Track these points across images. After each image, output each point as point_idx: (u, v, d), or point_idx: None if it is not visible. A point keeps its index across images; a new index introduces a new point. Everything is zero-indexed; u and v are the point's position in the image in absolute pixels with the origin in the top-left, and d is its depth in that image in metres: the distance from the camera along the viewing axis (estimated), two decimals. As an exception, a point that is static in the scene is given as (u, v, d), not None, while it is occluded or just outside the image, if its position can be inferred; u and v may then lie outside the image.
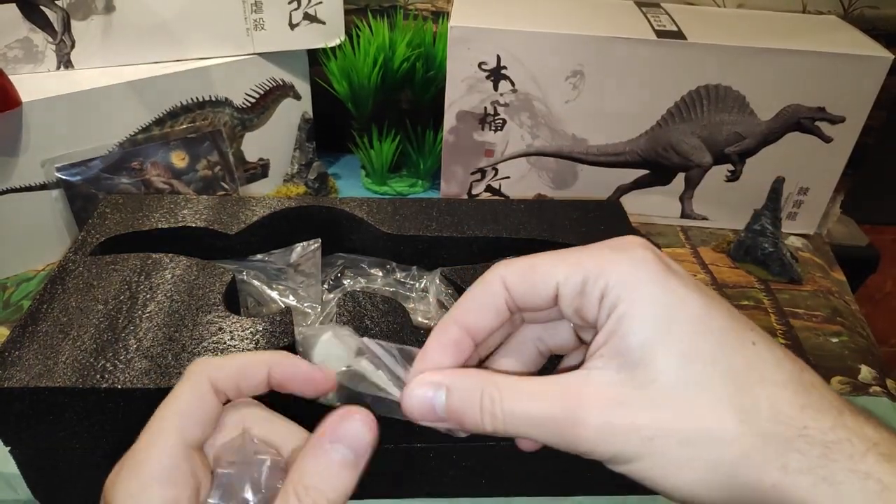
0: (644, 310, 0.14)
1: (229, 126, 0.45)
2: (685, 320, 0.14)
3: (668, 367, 0.13)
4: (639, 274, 0.14)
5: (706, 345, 0.13)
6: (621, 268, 0.14)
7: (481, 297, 0.16)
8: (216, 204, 0.34)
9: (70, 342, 0.25)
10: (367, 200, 0.35)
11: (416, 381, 0.16)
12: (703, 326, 0.14)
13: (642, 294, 0.14)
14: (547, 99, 0.43)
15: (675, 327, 0.13)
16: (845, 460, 0.12)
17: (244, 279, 0.31)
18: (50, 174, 0.39)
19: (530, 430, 0.14)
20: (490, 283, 0.16)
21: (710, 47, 0.41)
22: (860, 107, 0.42)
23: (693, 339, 0.13)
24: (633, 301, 0.14)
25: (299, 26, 0.45)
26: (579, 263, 0.15)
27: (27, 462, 0.26)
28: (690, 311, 0.14)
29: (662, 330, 0.13)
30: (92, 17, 0.40)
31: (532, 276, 0.15)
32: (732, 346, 0.13)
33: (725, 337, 0.14)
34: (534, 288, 0.15)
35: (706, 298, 0.14)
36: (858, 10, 0.49)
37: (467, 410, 0.15)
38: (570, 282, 0.15)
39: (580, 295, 0.15)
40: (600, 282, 0.14)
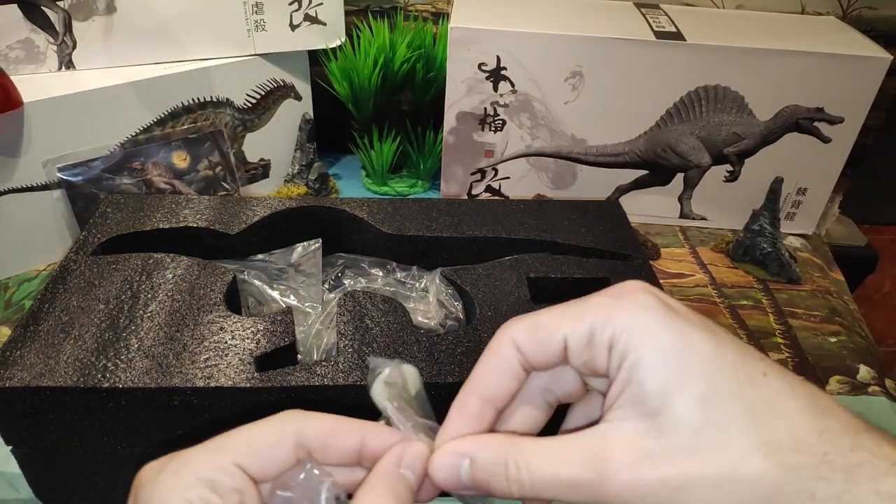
0: (656, 356, 0.14)
1: (230, 126, 0.45)
2: (698, 361, 0.14)
3: (688, 412, 0.13)
4: (644, 319, 0.14)
5: (722, 383, 0.13)
6: (626, 315, 0.14)
7: (496, 363, 0.16)
8: (217, 204, 0.34)
9: (71, 342, 0.25)
10: (367, 201, 0.35)
11: (442, 450, 0.16)
12: (716, 365, 0.14)
13: (651, 340, 0.14)
14: (546, 100, 0.44)
15: (688, 370, 0.13)
16: (868, 482, 0.12)
17: (245, 279, 0.31)
18: (51, 174, 0.39)
19: (559, 494, 0.14)
20: (501, 346, 0.16)
21: (708, 48, 0.41)
22: (859, 107, 0.42)
23: (708, 379, 0.13)
24: (642, 348, 0.14)
25: (300, 27, 0.45)
26: (583, 315, 0.15)
27: (29, 461, 0.26)
28: (701, 351, 0.14)
29: (677, 374, 0.13)
30: (93, 18, 0.40)
31: (539, 333, 0.15)
32: (746, 380, 0.13)
33: (738, 372, 0.14)
34: (543, 345, 0.15)
35: (713, 335, 0.14)
36: (857, 11, 0.49)
37: (493, 479, 0.15)
38: (577, 334, 0.15)
39: (588, 346, 0.15)
40: (607, 331, 0.14)
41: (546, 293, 0.30)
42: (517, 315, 0.16)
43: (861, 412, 0.14)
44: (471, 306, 0.29)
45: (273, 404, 0.24)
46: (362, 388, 0.24)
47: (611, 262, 0.32)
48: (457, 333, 0.27)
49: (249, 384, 0.24)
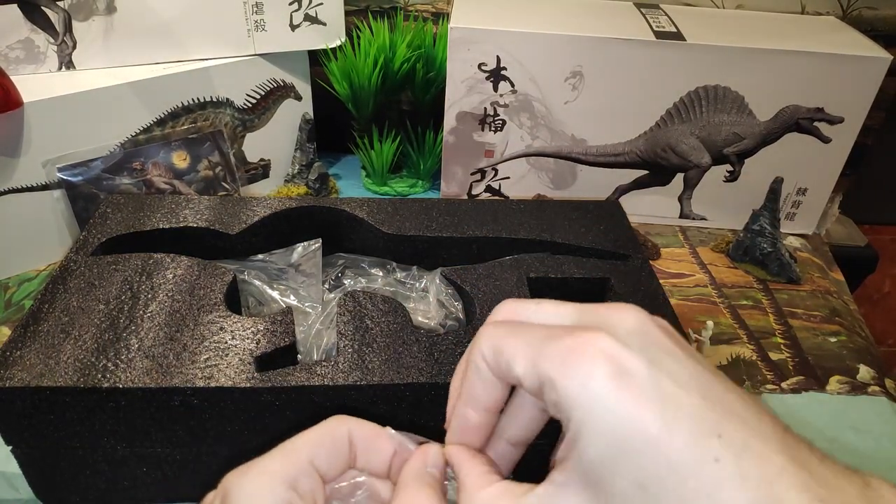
0: (594, 435, 0.13)
1: (230, 126, 0.45)
2: (637, 445, 0.13)
3: (626, 492, 0.13)
4: (588, 390, 0.13)
5: (661, 470, 0.12)
6: (571, 382, 0.14)
7: (474, 372, 0.16)
8: (217, 204, 0.34)
9: (71, 342, 0.25)
10: (367, 201, 0.35)
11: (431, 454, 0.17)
12: (658, 453, 0.12)
13: (591, 414, 0.13)
14: (546, 100, 0.44)
15: (625, 455, 0.13)
16: None
17: (245, 279, 0.31)
18: (51, 174, 0.39)
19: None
20: (475, 356, 0.16)
21: (708, 48, 0.41)
22: (859, 107, 0.42)
23: (646, 466, 0.13)
24: (583, 422, 0.13)
25: (300, 27, 0.45)
26: (536, 364, 0.14)
27: (29, 461, 0.26)
28: (645, 435, 0.13)
29: (614, 456, 0.13)
30: (93, 18, 0.40)
31: (500, 358, 0.15)
32: (690, 468, 0.12)
33: (683, 458, 0.12)
34: (500, 369, 0.15)
35: (667, 408, 0.13)
36: (857, 11, 0.49)
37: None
38: (528, 380, 0.15)
39: (539, 394, 0.15)
40: (553, 392, 0.14)
41: (546, 293, 0.30)
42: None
43: (861, 412, 0.13)
44: (471, 306, 0.29)
45: (273, 404, 0.24)
46: (362, 388, 0.24)
47: (611, 262, 0.32)
48: (457, 333, 0.27)
49: (249, 384, 0.24)
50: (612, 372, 0.13)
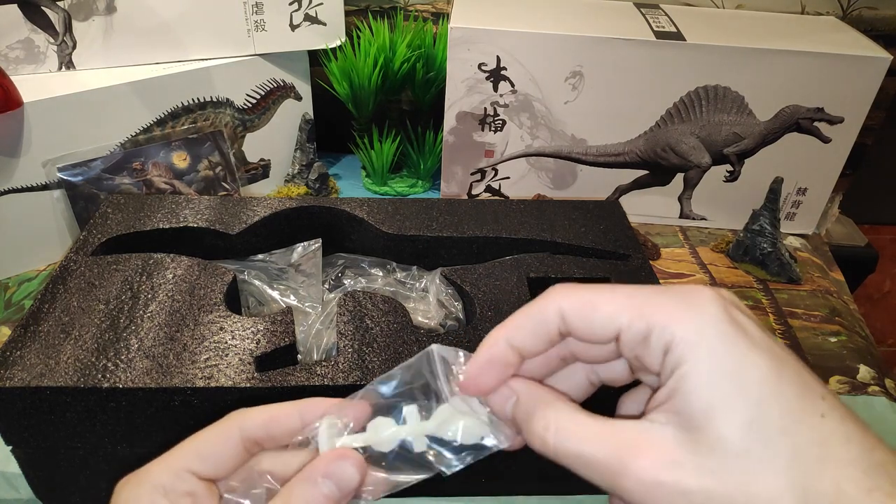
0: (709, 373, 0.13)
1: (230, 127, 0.45)
2: (752, 387, 0.13)
3: (731, 436, 0.13)
4: (706, 333, 0.14)
5: (773, 415, 0.13)
6: (688, 325, 0.14)
7: (534, 321, 0.16)
8: (217, 204, 0.34)
9: (72, 342, 0.25)
10: (367, 201, 0.35)
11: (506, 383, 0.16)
12: (771, 395, 0.13)
13: (708, 355, 0.13)
14: (546, 100, 0.44)
15: (740, 394, 0.13)
16: None
17: (245, 279, 0.31)
18: (51, 174, 0.39)
19: (577, 466, 0.14)
20: (545, 310, 0.16)
21: (708, 48, 0.41)
22: (859, 107, 0.42)
23: (759, 406, 0.13)
24: (697, 362, 0.13)
25: (300, 27, 0.45)
26: (644, 313, 0.14)
27: (29, 461, 0.26)
28: (758, 376, 0.13)
29: (727, 396, 0.13)
30: (93, 18, 0.40)
31: (592, 314, 0.15)
32: (800, 417, 0.13)
33: (793, 408, 0.13)
34: (592, 326, 0.15)
35: (776, 362, 0.13)
36: (857, 11, 0.49)
37: (524, 425, 0.16)
38: (633, 329, 0.14)
39: (642, 344, 0.14)
40: (665, 336, 0.14)
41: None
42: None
43: (861, 412, 0.13)
44: (471, 306, 0.29)
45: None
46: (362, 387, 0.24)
47: (611, 261, 0.32)
48: (457, 333, 0.27)
49: (249, 384, 0.24)
50: (728, 319, 0.14)
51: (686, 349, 0.14)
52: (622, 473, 0.13)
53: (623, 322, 0.15)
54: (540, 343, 0.16)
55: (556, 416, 0.15)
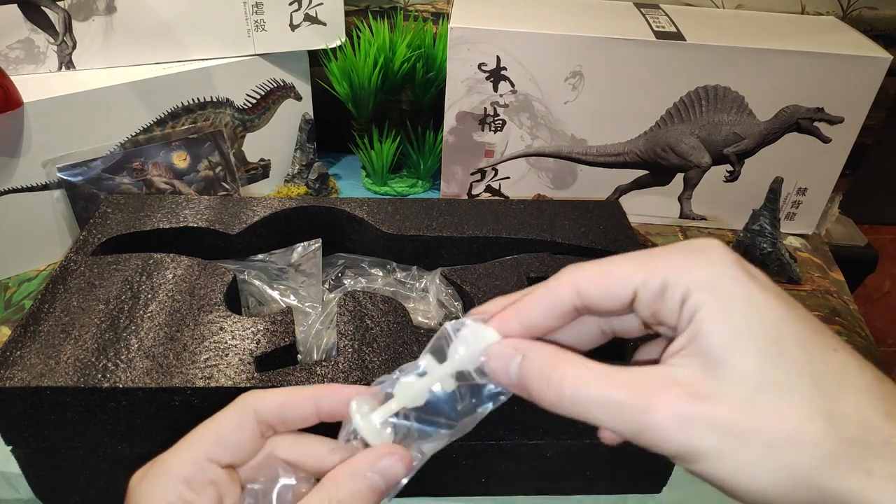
0: (725, 311, 0.14)
1: (230, 126, 0.45)
2: (767, 323, 0.13)
3: (752, 369, 0.13)
4: (720, 277, 0.14)
5: (789, 348, 0.13)
6: (701, 271, 0.14)
7: (547, 300, 0.16)
8: (217, 204, 0.34)
9: (72, 342, 0.25)
10: (367, 201, 0.35)
11: (501, 342, 0.16)
12: (786, 331, 0.13)
13: (723, 296, 0.14)
14: (546, 100, 0.44)
15: (756, 330, 0.13)
16: None
17: (245, 279, 0.31)
18: (51, 174, 0.39)
19: (598, 413, 0.14)
20: (559, 287, 0.16)
21: (708, 48, 0.41)
22: (859, 107, 0.42)
23: (776, 342, 0.13)
24: (713, 303, 0.14)
25: (300, 27, 0.45)
26: (657, 269, 0.15)
27: (29, 461, 0.26)
28: (772, 314, 0.13)
29: (744, 331, 0.13)
30: (93, 18, 0.40)
31: (607, 281, 0.15)
32: (815, 350, 0.13)
33: (807, 342, 0.13)
34: (609, 293, 0.15)
35: (787, 304, 0.14)
36: (857, 11, 0.49)
37: (535, 382, 0.15)
38: (649, 287, 0.15)
39: (659, 299, 0.14)
40: (681, 286, 0.14)
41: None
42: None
43: None
44: (471, 306, 0.29)
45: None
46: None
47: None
48: (457, 333, 0.27)
49: (249, 384, 0.24)
50: (740, 267, 0.14)
51: (703, 295, 0.14)
52: (650, 409, 0.13)
53: (638, 281, 0.15)
54: (552, 321, 0.16)
55: (571, 366, 0.15)
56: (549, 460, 0.28)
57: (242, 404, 0.17)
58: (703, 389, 0.13)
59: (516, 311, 0.16)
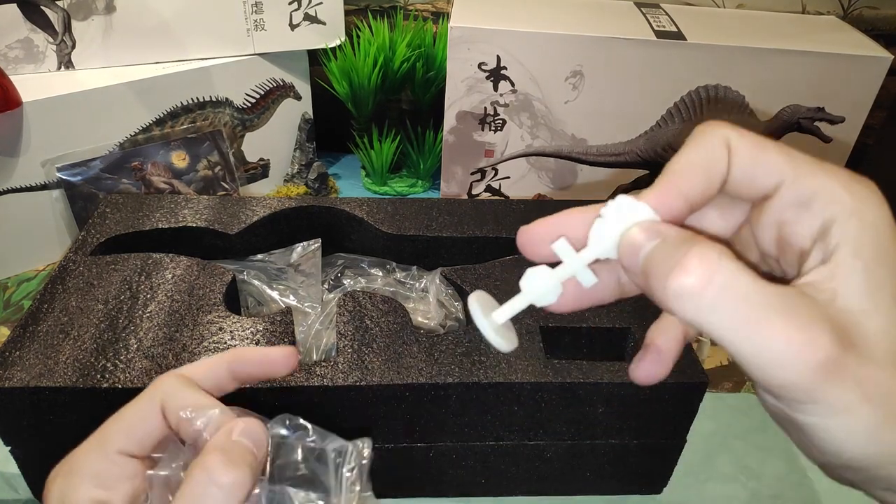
0: (883, 257, 0.12)
1: (230, 126, 0.45)
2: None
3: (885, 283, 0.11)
4: (880, 216, 0.12)
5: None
6: (864, 203, 0.12)
7: (704, 161, 0.13)
8: (216, 204, 0.34)
9: (71, 342, 0.25)
10: (367, 200, 0.35)
11: (639, 224, 0.13)
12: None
13: (882, 240, 0.12)
14: (547, 99, 0.43)
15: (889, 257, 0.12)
16: None
17: (244, 279, 0.31)
18: (50, 174, 0.39)
19: (733, 328, 0.11)
20: (713, 143, 0.13)
21: (709, 48, 0.41)
22: (860, 107, 0.42)
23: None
24: (871, 244, 0.12)
25: (299, 27, 0.45)
26: (814, 174, 0.12)
27: (27, 462, 0.26)
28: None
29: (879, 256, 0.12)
30: (92, 18, 0.40)
31: (761, 156, 0.13)
32: None
33: None
34: (755, 170, 0.13)
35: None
36: (858, 11, 0.49)
37: (662, 273, 0.12)
38: (797, 188, 0.12)
39: (799, 209, 0.12)
40: (834, 207, 0.12)
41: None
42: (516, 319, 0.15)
43: None
44: (471, 306, 0.29)
45: (272, 405, 0.24)
46: (362, 388, 0.24)
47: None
48: (457, 333, 0.26)
49: (248, 385, 0.24)
50: (888, 209, 0.12)
51: (862, 229, 0.12)
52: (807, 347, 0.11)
53: (788, 175, 0.12)
54: (711, 187, 0.13)
55: (724, 260, 0.11)
56: (550, 461, 0.27)
57: (153, 392, 0.16)
58: (854, 336, 0.11)
59: (673, 180, 0.13)
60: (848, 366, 0.11)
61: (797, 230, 0.12)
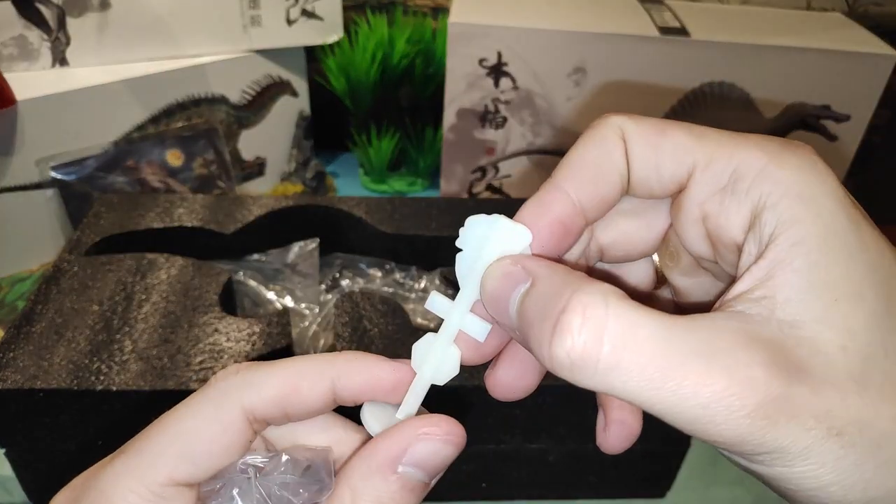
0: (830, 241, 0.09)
1: (225, 124, 0.44)
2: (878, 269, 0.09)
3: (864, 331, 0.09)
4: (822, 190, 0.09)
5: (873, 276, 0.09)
6: (798, 175, 0.09)
7: (597, 154, 0.11)
8: (212, 203, 0.33)
9: (65, 343, 0.24)
10: (365, 199, 0.34)
11: (505, 259, 0.10)
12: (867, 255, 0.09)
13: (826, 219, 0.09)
14: (549, 96, 0.43)
15: (869, 277, 0.09)
16: None
17: (241, 279, 0.30)
18: (44, 173, 0.38)
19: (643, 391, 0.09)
20: (606, 136, 0.11)
21: (713, 44, 0.40)
22: (865, 105, 0.41)
23: (891, 296, 0.09)
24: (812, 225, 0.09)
25: (297, 23, 0.44)
26: (728, 149, 0.10)
27: (22, 464, 0.26)
28: (879, 259, 0.09)
29: (858, 277, 0.09)
30: (87, 14, 0.40)
31: (661, 140, 0.10)
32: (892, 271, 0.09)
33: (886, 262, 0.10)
34: (659, 158, 0.10)
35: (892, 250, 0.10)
36: (863, 8, 0.48)
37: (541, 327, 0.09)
38: (713, 171, 0.10)
39: (723, 193, 0.10)
40: (762, 185, 0.09)
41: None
42: None
43: None
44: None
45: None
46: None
47: (613, 262, 0.31)
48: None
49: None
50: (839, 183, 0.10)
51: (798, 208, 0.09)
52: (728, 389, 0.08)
53: (700, 158, 0.10)
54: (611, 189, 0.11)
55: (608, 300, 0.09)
56: (552, 464, 0.27)
57: (223, 400, 0.12)
58: (802, 359, 0.09)
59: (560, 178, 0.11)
60: (797, 398, 0.09)
61: (724, 222, 0.10)
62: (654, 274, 0.12)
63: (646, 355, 0.09)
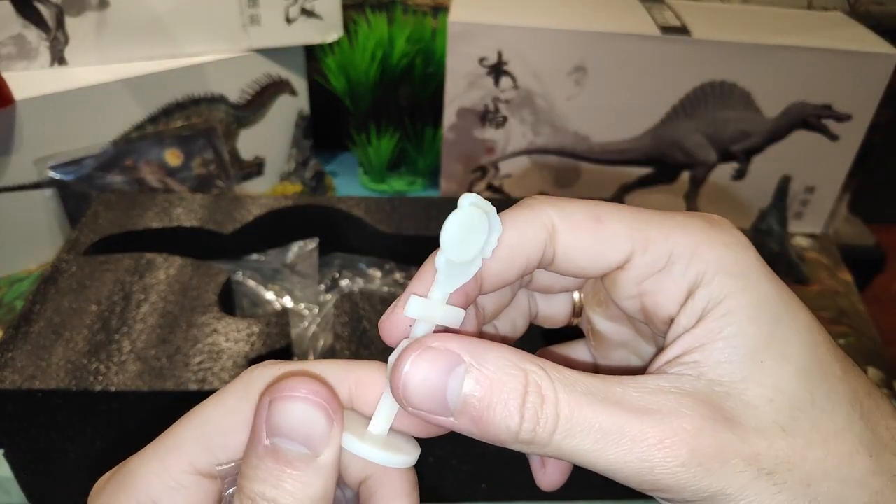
0: (758, 311, 0.10)
1: (224, 123, 0.44)
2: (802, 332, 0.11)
3: (788, 386, 0.10)
4: (747, 264, 0.11)
5: (826, 360, 0.11)
6: (727, 253, 0.11)
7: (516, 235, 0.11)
8: (211, 203, 0.33)
9: (63, 343, 0.24)
10: (365, 199, 0.34)
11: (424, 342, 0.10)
12: (818, 341, 0.11)
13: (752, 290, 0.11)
14: (549, 95, 0.43)
15: (791, 336, 0.11)
16: None
17: (239, 279, 0.30)
18: (43, 173, 0.38)
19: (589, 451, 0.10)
20: (531, 220, 0.11)
21: (714, 44, 0.40)
22: (867, 104, 0.41)
23: (816, 353, 0.11)
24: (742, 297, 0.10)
25: (296, 21, 0.44)
26: (664, 233, 0.11)
27: (20, 465, 0.25)
28: (803, 319, 0.11)
29: (780, 337, 0.10)
30: (86, 13, 0.40)
31: (599, 232, 0.11)
32: (846, 364, 0.11)
33: (837, 354, 0.11)
34: (595, 248, 0.11)
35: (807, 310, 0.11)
36: (864, 7, 0.48)
37: (498, 409, 0.10)
38: (651, 255, 0.11)
39: (659, 276, 0.11)
40: (695, 266, 0.11)
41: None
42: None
43: None
44: (471, 307, 0.28)
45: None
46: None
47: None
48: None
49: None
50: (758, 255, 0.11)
51: (729, 284, 0.11)
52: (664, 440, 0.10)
53: (637, 243, 0.11)
54: (516, 270, 0.11)
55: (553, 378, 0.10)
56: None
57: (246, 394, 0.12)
58: (731, 411, 0.10)
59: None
60: (726, 445, 0.10)
61: (661, 300, 0.11)
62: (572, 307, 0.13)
63: (589, 423, 0.10)
